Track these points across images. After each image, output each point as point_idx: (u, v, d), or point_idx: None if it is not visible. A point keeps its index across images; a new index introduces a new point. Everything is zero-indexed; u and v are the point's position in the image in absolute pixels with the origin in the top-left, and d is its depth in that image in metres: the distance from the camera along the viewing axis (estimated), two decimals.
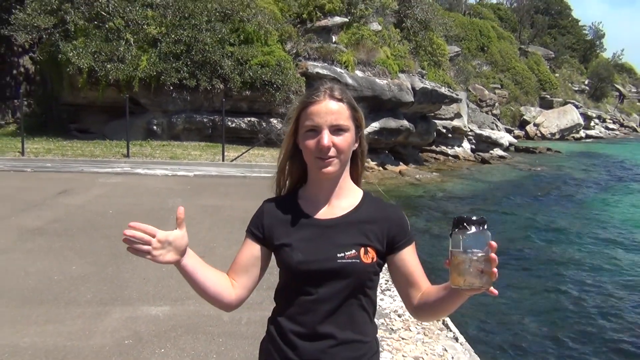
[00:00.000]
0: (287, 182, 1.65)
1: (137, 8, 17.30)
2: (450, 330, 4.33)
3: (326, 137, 1.46)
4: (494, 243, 1.26)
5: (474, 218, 1.28)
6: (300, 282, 1.49)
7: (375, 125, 20.74)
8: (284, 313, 1.53)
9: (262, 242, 1.57)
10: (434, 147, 27.92)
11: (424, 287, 1.53)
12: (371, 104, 20.39)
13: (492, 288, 1.28)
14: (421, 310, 1.52)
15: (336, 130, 1.48)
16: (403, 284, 1.55)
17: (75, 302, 4.60)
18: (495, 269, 1.25)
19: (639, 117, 67.48)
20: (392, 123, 21.43)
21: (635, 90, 71.50)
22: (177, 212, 1.46)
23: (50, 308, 4.44)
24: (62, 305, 4.50)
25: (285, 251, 1.51)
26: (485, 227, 1.28)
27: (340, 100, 1.50)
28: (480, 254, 1.26)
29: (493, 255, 1.25)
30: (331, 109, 1.48)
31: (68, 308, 4.45)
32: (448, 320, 4.47)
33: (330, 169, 1.49)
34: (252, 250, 1.57)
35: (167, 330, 4.12)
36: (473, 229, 1.27)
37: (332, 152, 1.47)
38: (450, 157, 28.27)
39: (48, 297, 4.67)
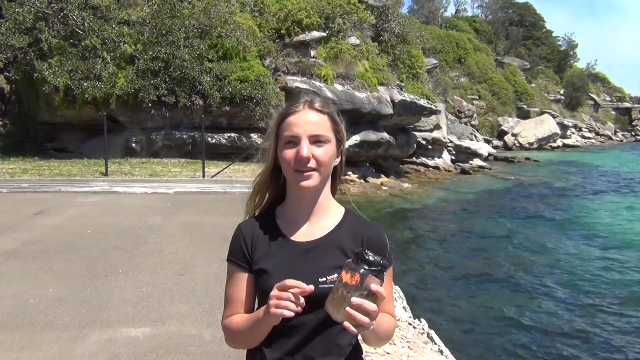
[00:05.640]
0: (263, 201, 1.59)
1: (113, 26, 17.19)
2: (435, 343, 4.30)
3: (305, 148, 1.39)
4: (375, 287, 1.23)
5: (371, 259, 1.25)
6: None
7: (355, 138, 20.82)
8: (264, 340, 1.45)
9: (249, 270, 1.49)
10: (414, 159, 28.11)
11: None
12: (351, 117, 20.47)
13: (347, 324, 1.24)
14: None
15: (316, 141, 1.42)
16: None
17: (51, 326, 4.46)
18: (352, 312, 1.22)
19: (614, 126, 68.79)
20: (372, 135, 21.52)
21: (609, 99, 72.95)
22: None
23: (25, 333, 4.30)
24: (38, 330, 4.37)
25: (264, 277, 1.45)
26: (378, 269, 1.25)
27: (320, 111, 1.45)
28: (347, 291, 1.24)
29: (355, 300, 1.21)
30: (310, 120, 1.42)
31: (44, 332, 4.32)
32: (433, 333, 4.44)
33: (309, 182, 1.42)
34: (243, 281, 1.50)
35: (147, 352, 4.02)
36: (363, 268, 1.24)
37: (312, 164, 1.40)
38: (430, 169, 28.46)
39: (23, 322, 4.53)
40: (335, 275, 1.37)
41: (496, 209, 18.84)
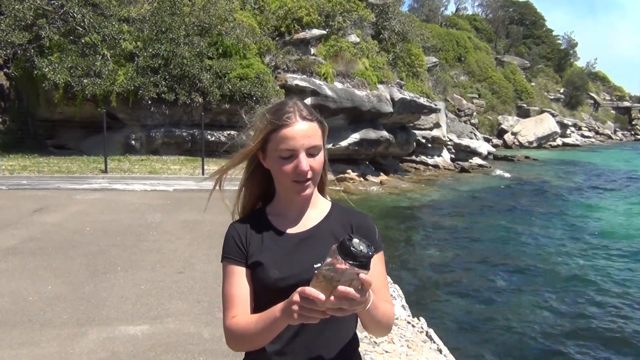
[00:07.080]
0: (249, 200, 1.65)
1: (113, 23, 17.16)
2: (434, 342, 4.30)
3: (304, 162, 1.46)
4: (363, 276, 1.21)
5: (356, 250, 1.20)
6: (279, 299, 1.38)
7: (355, 136, 20.81)
8: None
9: (246, 264, 1.52)
10: (414, 157, 28.11)
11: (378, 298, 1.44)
12: (351, 115, 20.48)
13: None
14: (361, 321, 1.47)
15: (311, 152, 1.48)
16: None
17: (50, 323, 4.47)
18: (338, 301, 1.21)
19: (613, 125, 68.77)
20: (372, 134, 21.52)
21: (609, 98, 72.90)
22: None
23: (24, 330, 4.31)
24: (37, 327, 4.37)
25: (260, 270, 1.49)
26: (358, 263, 1.20)
27: (311, 120, 1.49)
28: (334, 278, 1.20)
29: (341, 288, 1.19)
30: (306, 132, 1.47)
31: (43, 330, 4.32)
32: (431, 332, 4.45)
33: (308, 191, 1.51)
34: (244, 276, 1.52)
35: (145, 350, 4.02)
36: (338, 257, 1.20)
37: (309, 174, 1.48)
38: (430, 167, 28.46)
39: (22, 319, 4.53)
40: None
41: (496, 208, 18.85)
